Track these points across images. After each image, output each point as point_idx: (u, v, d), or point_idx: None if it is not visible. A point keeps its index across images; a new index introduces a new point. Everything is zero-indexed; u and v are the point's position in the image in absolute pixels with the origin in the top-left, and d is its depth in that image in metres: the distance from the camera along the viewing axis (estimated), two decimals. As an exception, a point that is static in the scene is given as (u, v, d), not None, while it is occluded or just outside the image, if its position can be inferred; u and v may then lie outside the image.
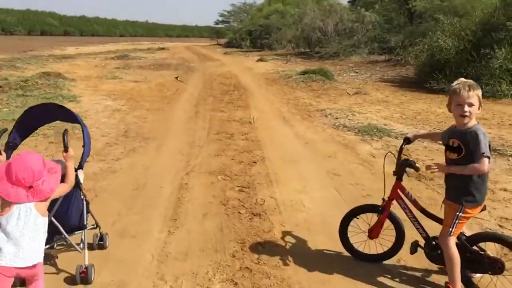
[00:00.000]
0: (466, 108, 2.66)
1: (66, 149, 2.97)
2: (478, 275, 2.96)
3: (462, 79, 2.84)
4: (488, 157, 2.63)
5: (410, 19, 24.41)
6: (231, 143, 6.93)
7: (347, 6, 28.44)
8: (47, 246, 2.83)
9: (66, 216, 3.06)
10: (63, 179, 2.87)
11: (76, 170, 3.08)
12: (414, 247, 3.13)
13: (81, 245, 3.13)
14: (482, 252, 2.91)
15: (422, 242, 3.11)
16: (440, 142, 3.07)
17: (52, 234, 2.92)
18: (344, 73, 17.91)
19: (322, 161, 6.06)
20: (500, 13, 12.32)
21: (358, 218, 3.40)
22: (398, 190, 3.18)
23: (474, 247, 2.93)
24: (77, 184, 3.07)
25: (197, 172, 5.45)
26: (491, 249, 2.95)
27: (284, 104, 10.69)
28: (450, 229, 2.84)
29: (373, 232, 3.27)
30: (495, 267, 2.86)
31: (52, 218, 2.89)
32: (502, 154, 6.22)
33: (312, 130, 7.98)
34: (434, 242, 3.01)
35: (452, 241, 2.85)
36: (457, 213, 2.81)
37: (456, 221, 2.82)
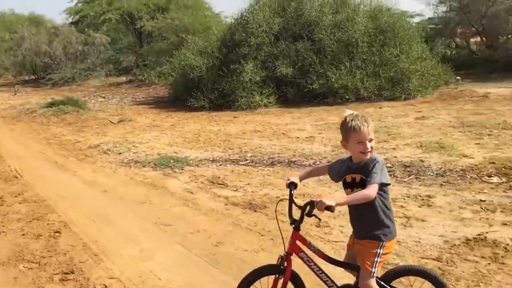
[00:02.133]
0: (368, 144, 2.48)
1: None
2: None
3: (350, 112, 2.59)
4: (386, 184, 2.48)
5: (140, 39, 24.49)
6: (7, 210, 5.28)
7: (73, 29, 26.58)
8: None
9: None
10: None
11: None
12: None
13: None
14: None
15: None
16: (329, 176, 2.78)
17: None
18: (91, 99, 16.56)
19: (139, 210, 5.17)
20: (240, 30, 13.31)
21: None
22: (298, 242, 2.72)
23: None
24: None
25: (-18, 269, 3.87)
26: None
27: (45, 145, 9.02)
28: (372, 270, 2.57)
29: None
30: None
31: None
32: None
33: (101, 173, 6.86)
34: None
35: (375, 283, 2.60)
36: (378, 251, 2.56)
37: (377, 259, 2.57)
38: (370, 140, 2.48)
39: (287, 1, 13.61)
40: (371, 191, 2.39)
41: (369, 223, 2.54)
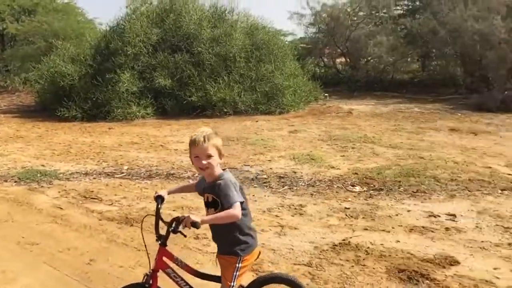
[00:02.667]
0: (204, 160, 2.48)
1: None
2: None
3: (202, 129, 2.59)
4: (242, 202, 2.50)
5: (2, 43, 22.36)
6: None
7: None
8: None
9: None
10: None
11: None
12: None
13: None
14: None
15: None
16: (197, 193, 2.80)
17: None
18: None
19: (-1, 230, 4.69)
20: (116, 38, 12.86)
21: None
22: (164, 258, 2.63)
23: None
24: None
25: None
26: None
27: None
28: (231, 284, 2.62)
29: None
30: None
31: None
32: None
33: (-48, 189, 6.09)
34: None
35: None
36: (236, 265, 2.62)
37: (237, 273, 2.62)
38: (209, 157, 2.47)
39: (165, 12, 13.51)
40: (237, 211, 2.41)
41: (228, 240, 2.58)
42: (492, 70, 13.64)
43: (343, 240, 4.23)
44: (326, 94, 14.96)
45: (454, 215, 4.83)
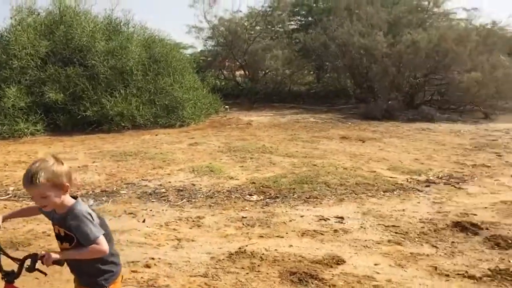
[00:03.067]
0: (40, 202, 2.23)
1: None
2: None
3: (35, 163, 2.25)
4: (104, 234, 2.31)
5: None
6: None
7: None
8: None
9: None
10: None
11: None
12: None
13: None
14: None
15: None
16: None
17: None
18: None
19: None
20: (0, 51, 11.97)
21: None
22: None
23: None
24: None
25: None
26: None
27: None
28: None
29: None
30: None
31: None
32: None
33: None
34: None
35: None
36: None
37: None
38: (44, 197, 2.18)
39: (55, 24, 12.84)
40: (103, 246, 2.21)
41: (90, 272, 2.37)
42: (377, 81, 14.83)
43: (239, 248, 4.33)
44: (226, 106, 15.19)
45: (342, 218, 5.16)
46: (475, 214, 5.18)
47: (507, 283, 3.56)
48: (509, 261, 3.95)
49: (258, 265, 3.99)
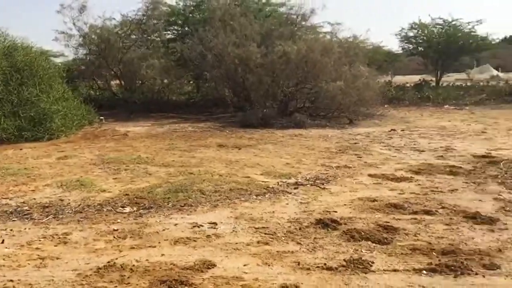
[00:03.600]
0: None
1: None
2: None
3: None
4: None
5: None
6: None
7: None
8: None
9: None
10: None
11: None
12: None
13: None
14: None
15: None
16: None
17: None
18: None
19: None
20: None
21: None
22: None
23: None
24: None
25: None
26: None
27: None
28: None
29: None
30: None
31: None
32: None
33: None
34: None
35: None
36: None
37: None
38: None
39: None
40: None
41: None
42: (253, 91, 15.38)
43: (108, 262, 4.19)
44: (101, 117, 14.60)
45: (215, 223, 5.27)
46: (335, 211, 5.64)
47: (358, 271, 3.93)
48: (361, 251, 4.38)
49: (128, 277, 3.90)
